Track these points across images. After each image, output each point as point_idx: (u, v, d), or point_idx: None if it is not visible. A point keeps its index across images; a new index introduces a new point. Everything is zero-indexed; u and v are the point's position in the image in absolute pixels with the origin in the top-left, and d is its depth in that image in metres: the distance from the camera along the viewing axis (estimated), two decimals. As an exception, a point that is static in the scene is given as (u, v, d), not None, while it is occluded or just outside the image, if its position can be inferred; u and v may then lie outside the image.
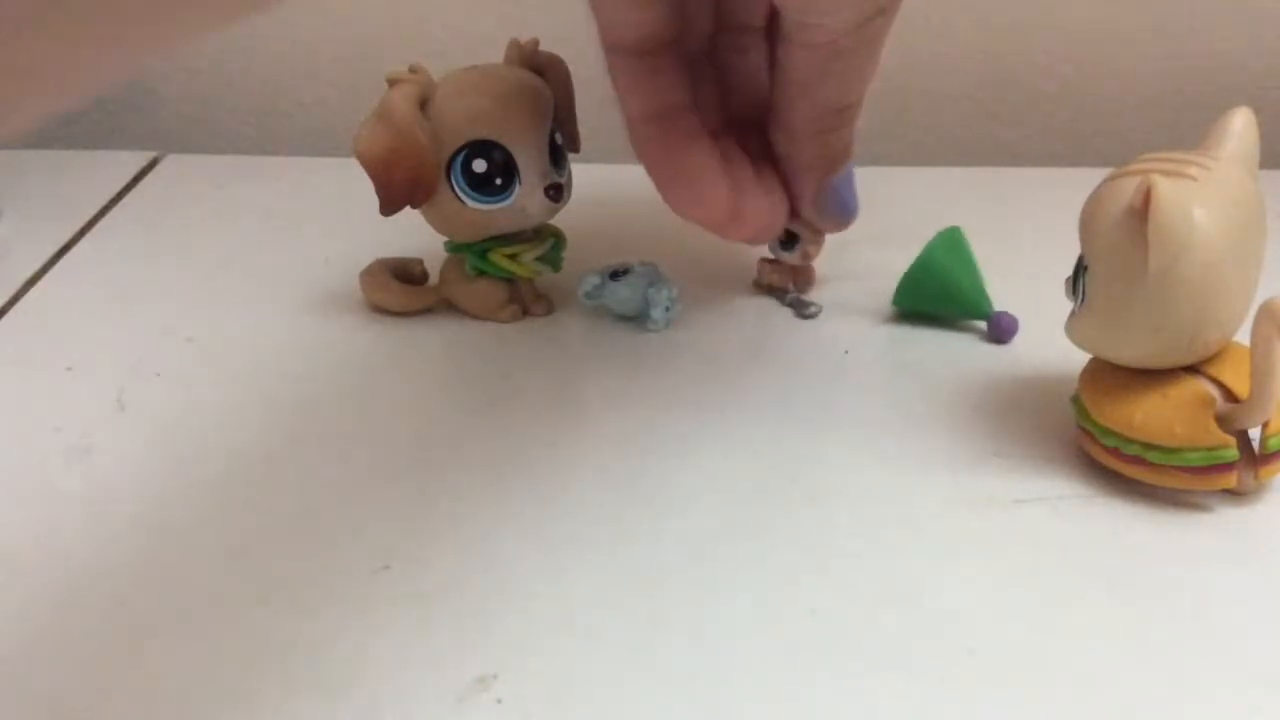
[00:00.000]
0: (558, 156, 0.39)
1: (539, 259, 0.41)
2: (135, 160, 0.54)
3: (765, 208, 0.37)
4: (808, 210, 0.38)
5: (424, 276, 0.43)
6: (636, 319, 0.41)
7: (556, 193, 0.38)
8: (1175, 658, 0.28)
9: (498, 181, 0.38)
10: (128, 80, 0.59)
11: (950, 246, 0.39)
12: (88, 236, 0.48)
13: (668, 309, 0.40)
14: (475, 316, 0.41)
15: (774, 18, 0.35)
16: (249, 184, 0.52)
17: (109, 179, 0.53)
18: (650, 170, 0.35)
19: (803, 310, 0.41)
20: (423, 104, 0.37)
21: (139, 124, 0.60)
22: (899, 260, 0.40)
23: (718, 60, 0.36)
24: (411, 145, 0.37)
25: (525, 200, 0.38)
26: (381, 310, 0.42)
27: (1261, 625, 0.29)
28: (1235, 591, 0.30)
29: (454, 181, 0.38)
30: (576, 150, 0.41)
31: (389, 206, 0.38)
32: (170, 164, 0.55)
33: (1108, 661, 0.28)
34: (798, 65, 0.34)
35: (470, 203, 0.38)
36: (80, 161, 0.55)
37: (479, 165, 0.37)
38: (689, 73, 0.35)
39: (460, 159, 0.37)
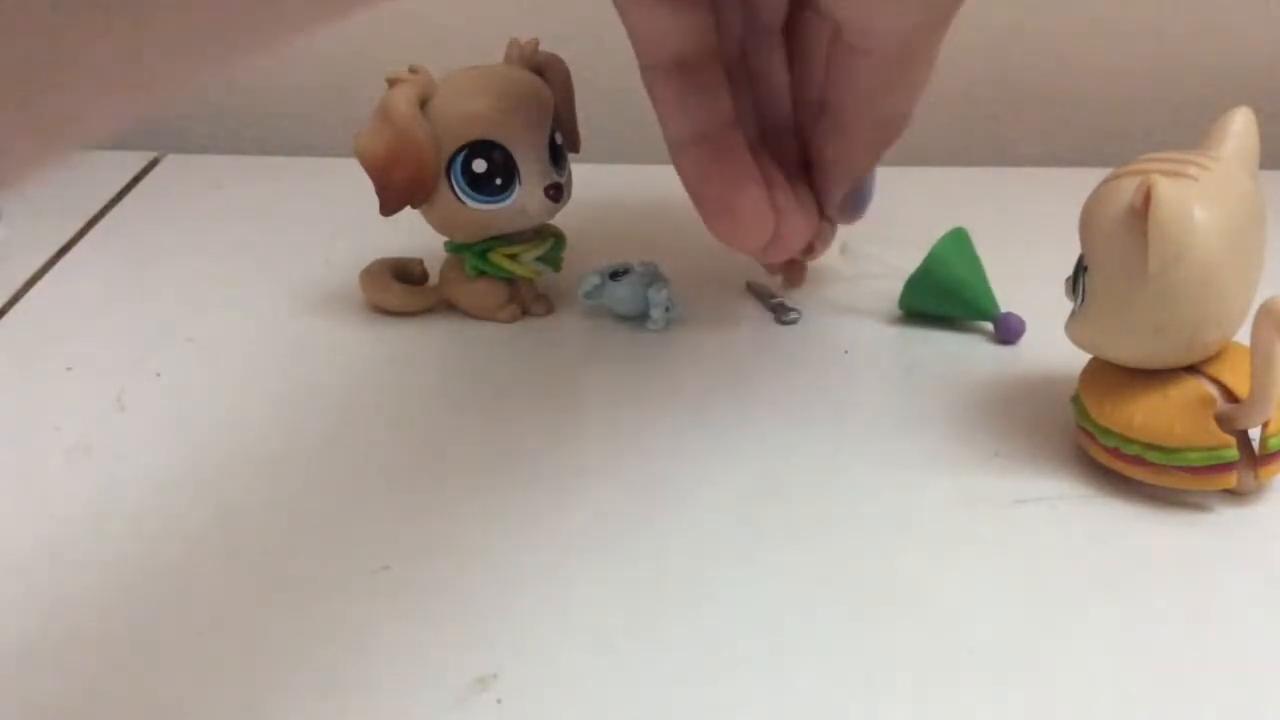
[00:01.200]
0: (558, 156, 0.39)
1: (539, 259, 0.41)
2: (135, 160, 0.54)
3: (803, 229, 0.36)
4: (831, 207, 0.38)
5: (424, 276, 0.43)
6: (636, 319, 0.41)
7: (556, 193, 0.38)
8: (1175, 658, 0.28)
9: (498, 181, 0.38)
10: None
11: (956, 248, 0.39)
12: (88, 236, 0.48)
13: (667, 309, 0.40)
14: (475, 316, 0.41)
15: (805, 25, 0.34)
16: (249, 184, 0.52)
17: (109, 179, 0.53)
18: (694, 198, 0.35)
19: (783, 316, 0.41)
20: (423, 104, 0.37)
21: (139, 124, 0.60)
22: (901, 260, 0.40)
23: (746, 67, 0.36)
24: (411, 145, 0.37)
25: (525, 200, 0.38)
26: (381, 310, 0.42)
27: (1261, 625, 0.29)
28: (1235, 591, 0.30)
29: (454, 181, 0.38)
30: (576, 150, 0.41)
31: (389, 206, 0.38)
32: (170, 164, 0.55)
33: (1107, 661, 0.28)
34: (861, 75, 0.33)
35: (470, 203, 0.38)
36: (80, 161, 0.55)
37: (479, 165, 0.37)
38: (729, 86, 0.34)
39: (460, 159, 0.37)
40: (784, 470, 0.34)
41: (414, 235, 0.40)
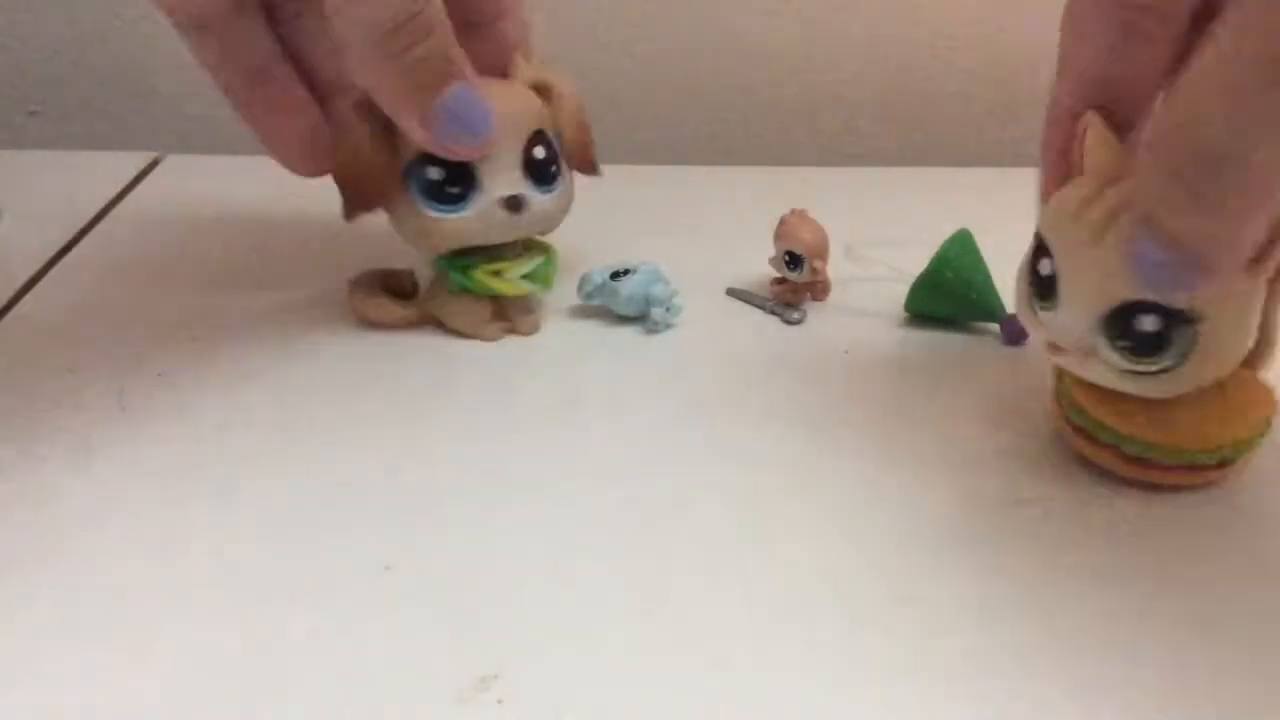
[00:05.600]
0: (542, 174, 0.38)
1: (525, 276, 0.39)
2: (135, 160, 0.54)
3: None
4: (424, 140, 0.36)
5: (414, 289, 0.42)
6: (636, 319, 0.41)
7: (514, 205, 0.37)
8: (1175, 657, 0.28)
9: (454, 190, 0.37)
10: (128, 80, 0.59)
11: (962, 250, 0.39)
12: (88, 237, 0.48)
13: (668, 309, 0.40)
14: (459, 334, 0.40)
15: None
16: (249, 184, 0.52)
17: (109, 179, 0.53)
18: (256, 133, 0.38)
19: (788, 316, 0.41)
20: None
21: (139, 124, 0.60)
22: (906, 262, 0.40)
23: (283, 28, 0.38)
24: (352, 148, 0.36)
25: (482, 211, 0.37)
26: (368, 324, 0.41)
27: (1261, 625, 0.29)
28: (1235, 591, 0.30)
29: (412, 188, 0.37)
30: (593, 173, 0.40)
31: (348, 212, 0.38)
32: (170, 164, 0.55)
33: (1107, 662, 0.28)
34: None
35: (428, 211, 0.37)
36: (80, 161, 0.55)
37: (434, 172, 0.37)
38: (268, 33, 0.37)
39: (417, 166, 0.37)
40: (784, 470, 0.34)
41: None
